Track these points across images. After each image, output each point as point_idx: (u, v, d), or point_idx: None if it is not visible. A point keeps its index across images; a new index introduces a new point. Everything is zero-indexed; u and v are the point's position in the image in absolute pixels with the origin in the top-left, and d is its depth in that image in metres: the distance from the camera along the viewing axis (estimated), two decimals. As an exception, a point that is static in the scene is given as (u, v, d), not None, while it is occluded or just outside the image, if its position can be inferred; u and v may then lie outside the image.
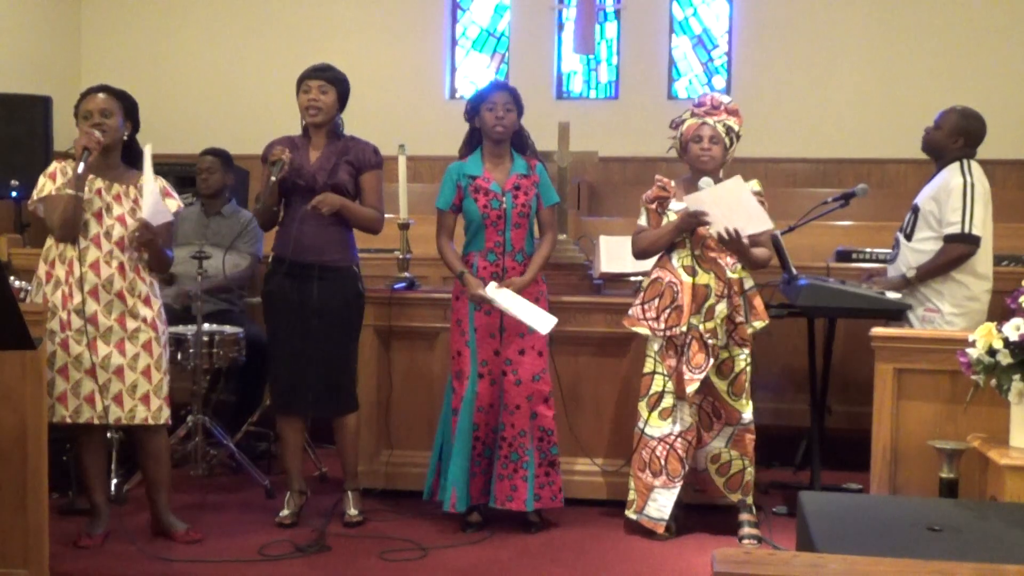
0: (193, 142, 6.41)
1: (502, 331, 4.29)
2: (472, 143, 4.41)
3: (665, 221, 4.27)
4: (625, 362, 4.68)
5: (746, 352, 4.23)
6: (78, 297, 3.89)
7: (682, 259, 4.22)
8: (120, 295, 3.95)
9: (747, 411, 4.24)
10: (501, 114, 4.28)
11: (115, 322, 3.94)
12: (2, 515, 3.64)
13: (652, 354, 4.27)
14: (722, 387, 4.24)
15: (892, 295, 4.47)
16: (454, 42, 8.62)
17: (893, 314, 4.44)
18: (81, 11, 8.64)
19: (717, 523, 4.38)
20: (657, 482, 4.25)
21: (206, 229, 5.48)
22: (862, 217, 6.47)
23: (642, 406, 4.28)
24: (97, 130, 3.92)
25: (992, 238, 4.64)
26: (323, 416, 4.51)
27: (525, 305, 4.20)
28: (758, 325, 4.26)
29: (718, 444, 4.31)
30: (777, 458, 5.21)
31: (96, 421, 3.95)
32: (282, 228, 4.39)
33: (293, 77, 4.40)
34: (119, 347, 3.95)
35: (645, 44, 8.34)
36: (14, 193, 6.74)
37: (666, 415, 4.24)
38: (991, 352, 3.44)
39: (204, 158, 5.58)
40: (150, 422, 4.02)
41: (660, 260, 4.30)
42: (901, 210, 4.97)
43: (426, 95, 8.42)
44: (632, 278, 4.80)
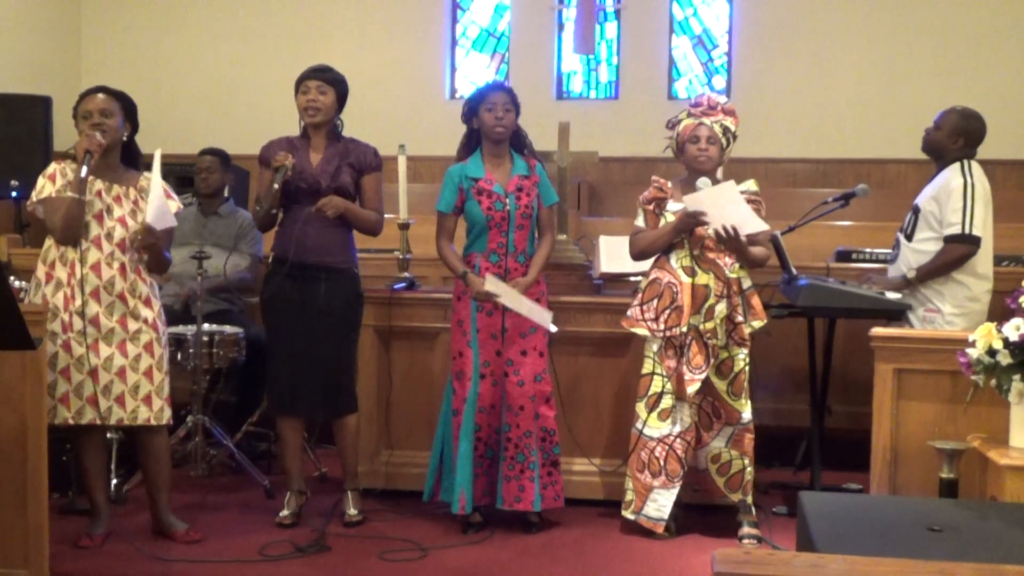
0: (192, 142, 6.40)
1: (504, 332, 4.29)
2: (471, 145, 4.40)
3: (663, 222, 4.26)
4: (625, 362, 4.67)
5: (745, 352, 4.23)
6: (80, 299, 3.89)
7: (681, 260, 4.22)
8: (121, 296, 3.95)
9: (747, 411, 4.25)
10: (501, 114, 4.28)
11: (117, 323, 3.94)
12: (2, 515, 3.64)
13: (651, 355, 4.27)
14: (722, 387, 4.24)
15: (892, 295, 4.47)
16: (454, 42, 8.61)
17: (893, 314, 4.44)
18: (81, 11, 8.64)
19: (717, 523, 4.38)
20: (656, 482, 4.25)
21: (203, 229, 5.48)
22: (862, 217, 6.46)
23: (640, 407, 4.28)
24: (97, 130, 3.91)
25: (992, 238, 4.63)
26: (324, 417, 4.51)
27: (529, 304, 4.21)
28: (756, 325, 4.26)
29: (718, 444, 4.31)
30: (777, 458, 5.20)
31: (98, 422, 3.95)
32: (283, 229, 4.39)
33: (292, 77, 4.40)
34: (121, 348, 3.95)
35: (645, 44, 8.33)
36: (14, 193, 6.75)
37: (665, 416, 4.24)
38: (991, 352, 3.44)
39: (203, 158, 5.58)
40: (152, 423, 4.03)
41: (658, 261, 4.30)
42: (901, 210, 4.97)
43: (426, 95, 8.41)
44: (632, 278, 4.80)
